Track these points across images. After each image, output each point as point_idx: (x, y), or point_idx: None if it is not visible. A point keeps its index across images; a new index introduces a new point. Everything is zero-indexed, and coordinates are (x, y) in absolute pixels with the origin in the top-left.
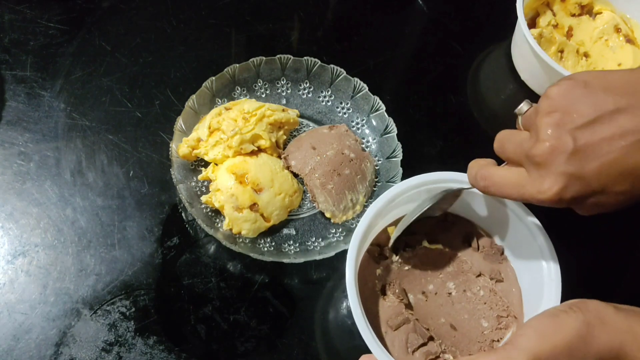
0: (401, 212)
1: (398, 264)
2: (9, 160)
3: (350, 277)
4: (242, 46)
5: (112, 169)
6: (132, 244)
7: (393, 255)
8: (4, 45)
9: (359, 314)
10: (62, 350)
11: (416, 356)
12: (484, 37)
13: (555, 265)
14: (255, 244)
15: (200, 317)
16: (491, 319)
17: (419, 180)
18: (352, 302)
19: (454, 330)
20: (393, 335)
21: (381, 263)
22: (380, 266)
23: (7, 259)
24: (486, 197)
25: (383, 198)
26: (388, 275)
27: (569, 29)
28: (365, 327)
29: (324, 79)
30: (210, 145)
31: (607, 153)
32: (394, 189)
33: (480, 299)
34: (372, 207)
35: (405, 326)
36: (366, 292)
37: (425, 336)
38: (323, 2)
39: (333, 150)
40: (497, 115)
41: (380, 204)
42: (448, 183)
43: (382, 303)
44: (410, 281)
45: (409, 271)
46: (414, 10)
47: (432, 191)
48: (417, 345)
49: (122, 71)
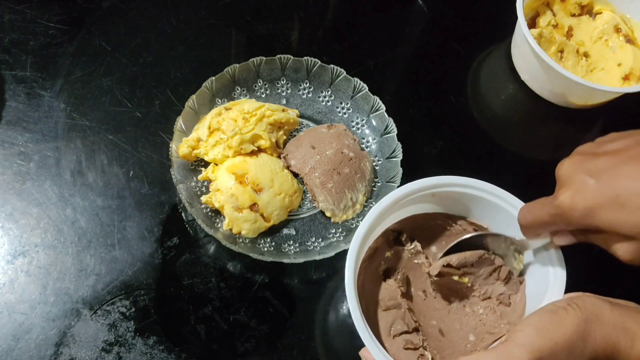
0: (403, 214)
1: (409, 253)
2: (9, 160)
3: (350, 276)
4: (242, 46)
5: (112, 169)
6: (132, 244)
7: (408, 244)
8: (4, 45)
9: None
10: (62, 350)
11: (396, 341)
12: (484, 37)
13: (562, 283)
14: (255, 244)
15: (200, 317)
16: (480, 334)
17: (422, 184)
18: (349, 297)
19: (442, 335)
20: (381, 315)
21: (393, 248)
22: (391, 250)
23: (7, 259)
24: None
25: (386, 200)
26: (396, 262)
27: (569, 29)
28: (358, 313)
29: (324, 79)
30: (210, 145)
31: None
32: (397, 191)
33: (477, 316)
34: (375, 208)
35: (395, 310)
36: (369, 272)
37: (411, 326)
38: (323, 2)
39: (332, 149)
40: (497, 115)
41: (383, 206)
42: (452, 187)
43: (382, 284)
44: (416, 275)
45: (418, 265)
46: (414, 10)
47: (436, 195)
48: (400, 331)
49: (122, 71)
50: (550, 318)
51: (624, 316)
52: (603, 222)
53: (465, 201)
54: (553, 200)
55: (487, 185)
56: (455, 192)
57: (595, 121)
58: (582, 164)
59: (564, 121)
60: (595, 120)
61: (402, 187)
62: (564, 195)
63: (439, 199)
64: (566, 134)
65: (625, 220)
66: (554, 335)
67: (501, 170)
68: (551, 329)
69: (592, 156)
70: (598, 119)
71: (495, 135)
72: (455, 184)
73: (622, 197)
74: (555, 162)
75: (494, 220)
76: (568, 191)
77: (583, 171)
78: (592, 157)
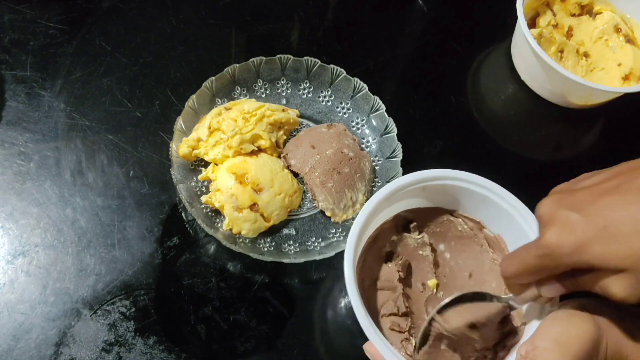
0: (397, 208)
1: (416, 242)
2: (9, 160)
3: (349, 266)
4: (242, 46)
5: (112, 169)
6: (132, 244)
7: (416, 233)
8: (4, 45)
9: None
10: (62, 350)
11: (384, 320)
12: (484, 37)
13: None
14: (255, 244)
15: (200, 317)
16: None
17: (414, 177)
18: (351, 294)
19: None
20: (377, 294)
21: (401, 233)
22: (399, 235)
23: (7, 259)
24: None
25: (379, 195)
26: (401, 247)
27: (569, 29)
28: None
29: (324, 79)
30: (210, 145)
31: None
32: (389, 185)
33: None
34: (368, 204)
35: (389, 292)
36: (372, 251)
37: (401, 310)
38: (323, 2)
39: (332, 149)
40: (497, 115)
41: (376, 201)
42: (442, 180)
43: (383, 265)
44: (419, 266)
45: (422, 257)
46: (414, 10)
47: (427, 189)
48: (389, 312)
49: (122, 71)
50: (568, 328)
51: (632, 324)
52: (594, 256)
53: (456, 194)
54: (538, 241)
55: (477, 177)
56: (446, 185)
57: (595, 121)
58: (561, 200)
59: (564, 121)
60: (595, 120)
61: (393, 181)
62: (549, 233)
63: (429, 192)
64: (566, 134)
65: (616, 251)
66: (574, 347)
67: (501, 170)
68: (570, 342)
69: (569, 193)
70: (598, 119)
71: (495, 135)
72: (445, 176)
73: (610, 227)
74: (555, 162)
75: (485, 213)
76: (553, 228)
77: (564, 207)
78: (570, 193)
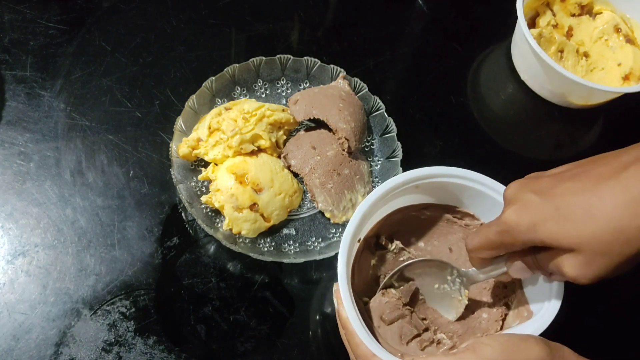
0: (393, 206)
1: (393, 254)
2: (9, 160)
3: (342, 270)
4: (242, 46)
5: (112, 169)
6: (132, 244)
7: (389, 245)
8: (4, 45)
9: (351, 306)
10: (62, 350)
11: (411, 346)
12: (484, 37)
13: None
14: (255, 244)
15: (200, 317)
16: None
17: (409, 176)
18: (343, 295)
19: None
20: (386, 329)
21: (376, 253)
22: (375, 256)
23: (7, 259)
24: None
25: (374, 194)
26: (383, 266)
27: (568, 29)
28: (357, 320)
29: (324, 79)
30: (210, 145)
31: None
32: (385, 185)
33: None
34: (361, 205)
35: (400, 321)
36: (360, 284)
37: (420, 327)
38: (323, 2)
39: (333, 150)
40: (497, 115)
41: (369, 203)
42: (434, 178)
43: (380, 299)
44: (409, 268)
45: (405, 261)
46: (414, 10)
47: (420, 187)
48: (411, 336)
49: (122, 71)
50: (519, 343)
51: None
52: (546, 234)
53: (450, 190)
54: (499, 219)
55: (469, 172)
56: (439, 182)
57: (595, 121)
58: (527, 184)
59: (564, 121)
60: (595, 120)
61: (385, 182)
62: (509, 212)
63: (423, 190)
64: (566, 134)
65: (567, 231)
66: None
67: (501, 170)
68: (517, 352)
69: (536, 178)
70: (598, 119)
71: (495, 135)
72: (437, 174)
73: (563, 209)
74: (555, 162)
75: (479, 206)
76: (513, 207)
77: (528, 190)
78: (535, 179)
